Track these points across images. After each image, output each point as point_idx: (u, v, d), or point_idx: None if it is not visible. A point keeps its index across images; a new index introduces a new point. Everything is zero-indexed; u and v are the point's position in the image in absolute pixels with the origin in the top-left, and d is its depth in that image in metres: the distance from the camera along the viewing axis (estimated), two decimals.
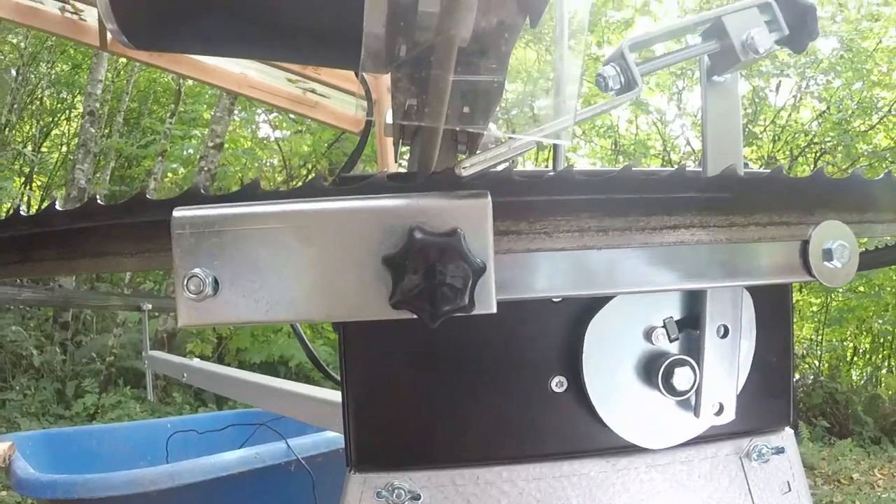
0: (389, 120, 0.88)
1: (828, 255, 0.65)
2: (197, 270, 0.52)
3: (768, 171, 0.65)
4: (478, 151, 0.77)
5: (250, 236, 0.53)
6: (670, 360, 0.71)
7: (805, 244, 0.65)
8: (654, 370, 0.72)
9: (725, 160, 0.75)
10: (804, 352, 10.38)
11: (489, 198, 0.52)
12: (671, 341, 0.73)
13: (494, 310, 0.53)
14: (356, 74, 0.81)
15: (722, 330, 0.72)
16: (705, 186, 0.61)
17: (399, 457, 0.71)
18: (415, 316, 0.52)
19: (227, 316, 0.54)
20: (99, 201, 0.59)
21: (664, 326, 0.73)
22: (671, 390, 0.71)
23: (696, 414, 0.73)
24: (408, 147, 0.92)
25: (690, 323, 0.74)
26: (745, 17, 0.73)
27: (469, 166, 0.61)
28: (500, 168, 0.65)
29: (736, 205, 0.61)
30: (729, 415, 0.73)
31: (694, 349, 0.73)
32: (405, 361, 0.71)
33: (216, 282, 0.53)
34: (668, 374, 0.71)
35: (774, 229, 0.63)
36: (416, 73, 0.64)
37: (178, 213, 0.54)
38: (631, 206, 0.57)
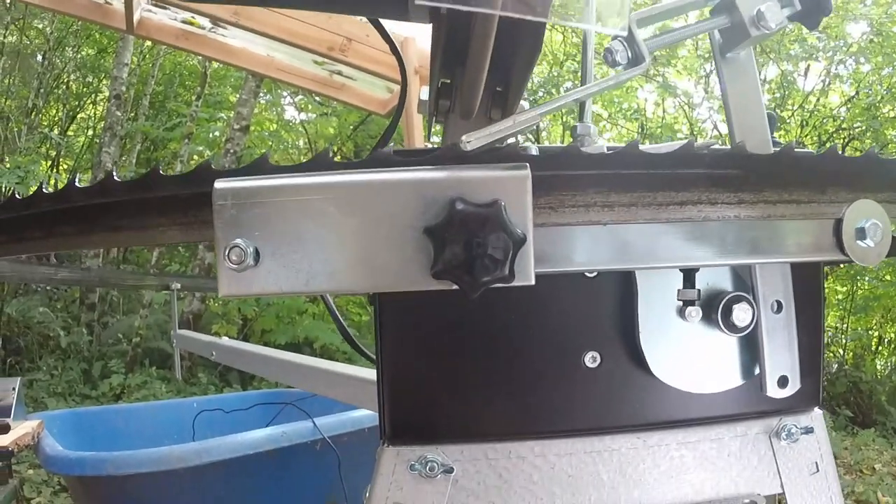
0: (423, 96, 0.89)
1: (861, 233, 0.65)
2: (238, 241, 0.53)
3: (802, 149, 0.66)
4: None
5: (292, 208, 0.54)
6: (729, 296, 0.72)
7: (839, 223, 0.65)
8: (713, 308, 0.72)
9: (752, 136, 0.75)
10: (829, 340, 10.29)
11: (529, 170, 0.53)
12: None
13: (533, 281, 0.53)
14: (390, 46, 0.81)
15: (776, 305, 0.73)
16: (742, 163, 0.61)
17: (432, 430, 0.72)
18: (455, 286, 0.52)
19: (268, 286, 0.54)
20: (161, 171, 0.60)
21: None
22: (731, 327, 0.72)
23: (763, 389, 0.74)
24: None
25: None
26: None
27: (473, 140, 0.61)
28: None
29: (770, 181, 0.61)
30: (794, 385, 0.75)
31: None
32: (440, 336, 0.71)
33: (257, 252, 0.54)
34: (728, 311, 0.72)
35: (808, 207, 0.63)
36: (458, 30, 0.64)
37: (219, 184, 0.55)
38: (671, 181, 0.58)
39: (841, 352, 10.22)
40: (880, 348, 10.66)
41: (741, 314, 0.72)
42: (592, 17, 0.64)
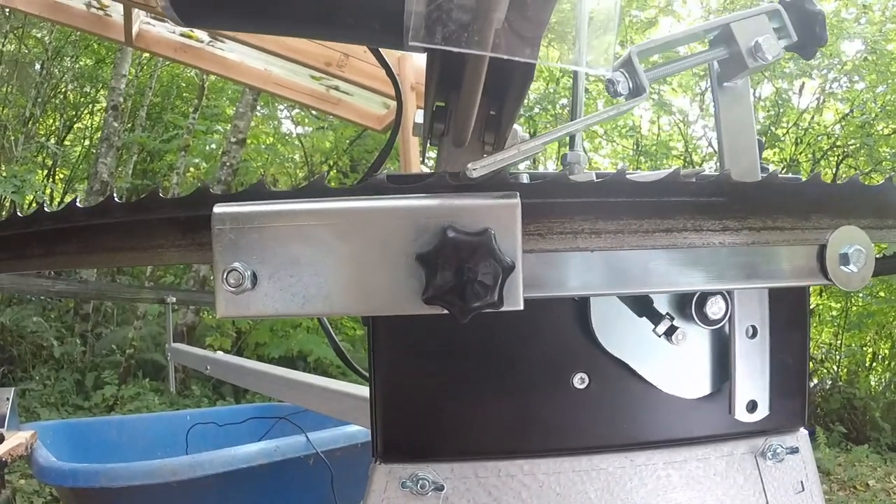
0: (419, 119, 0.91)
1: (844, 259, 0.66)
2: (237, 264, 0.55)
3: (786, 176, 0.67)
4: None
5: (289, 233, 0.55)
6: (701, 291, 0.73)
7: (822, 248, 0.66)
8: (686, 303, 0.74)
9: (741, 163, 0.77)
10: (822, 356, 10.30)
11: (518, 199, 0.55)
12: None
13: (521, 306, 0.55)
14: (386, 70, 0.82)
15: (751, 330, 0.74)
16: (726, 190, 0.62)
17: (424, 449, 0.73)
18: (446, 311, 0.54)
19: (265, 309, 0.56)
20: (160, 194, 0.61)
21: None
22: (705, 320, 0.73)
23: (731, 411, 0.75)
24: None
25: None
26: (753, 24, 0.75)
27: (479, 168, 0.63)
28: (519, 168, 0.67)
29: (754, 209, 0.63)
30: (762, 411, 0.76)
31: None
32: (432, 356, 0.73)
33: (255, 276, 0.55)
34: (701, 305, 0.73)
35: (793, 234, 0.65)
36: (452, 57, 0.66)
37: (218, 209, 0.56)
38: (657, 209, 0.59)
39: (835, 368, 10.22)
40: (874, 365, 10.67)
41: (714, 307, 0.73)
42: (581, 59, 0.66)
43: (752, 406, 0.75)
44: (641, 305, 0.74)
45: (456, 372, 0.73)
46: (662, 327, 0.72)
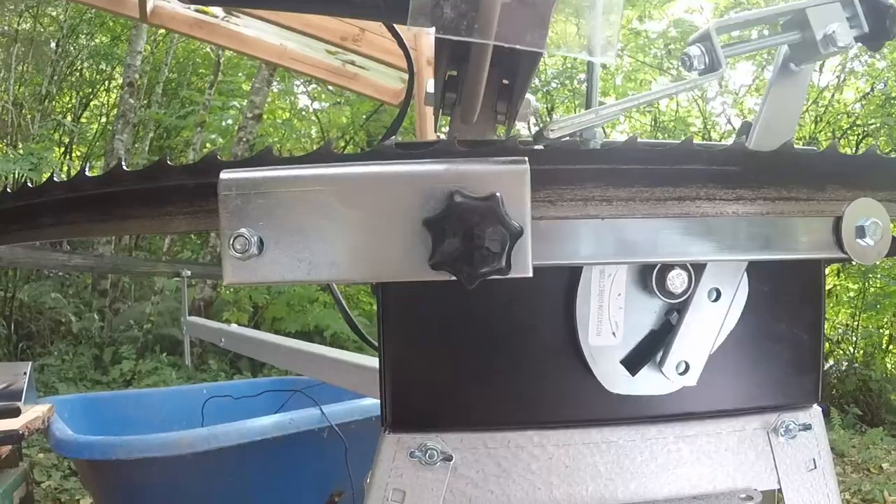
0: (430, 89, 0.90)
1: (860, 232, 0.66)
2: (243, 230, 0.55)
3: (804, 147, 0.66)
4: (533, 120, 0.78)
5: (295, 198, 0.55)
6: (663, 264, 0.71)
7: (838, 220, 0.66)
8: (647, 275, 0.72)
9: (775, 141, 0.76)
10: (839, 337, 10.25)
11: (527, 164, 0.54)
12: None
13: (531, 273, 0.54)
14: (398, 43, 0.82)
15: (714, 294, 0.72)
16: (748, 161, 0.61)
17: (433, 418, 0.73)
18: (453, 277, 0.53)
19: (271, 275, 0.56)
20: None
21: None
22: (666, 293, 0.71)
23: (661, 366, 0.72)
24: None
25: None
26: (827, 11, 0.74)
27: (556, 129, 0.62)
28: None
29: (769, 178, 0.62)
30: (692, 378, 0.73)
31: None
32: (441, 326, 0.72)
33: (261, 242, 0.55)
34: (662, 277, 0.71)
35: (807, 204, 0.64)
36: (461, 26, 0.65)
37: (224, 175, 0.56)
38: (676, 177, 0.59)
39: (851, 349, 10.18)
40: (891, 346, 10.61)
41: (676, 281, 0.71)
42: (591, 46, 0.65)
43: (683, 367, 0.73)
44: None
45: (465, 342, 0.72)
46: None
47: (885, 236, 0.66)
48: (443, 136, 0.98)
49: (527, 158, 0.54)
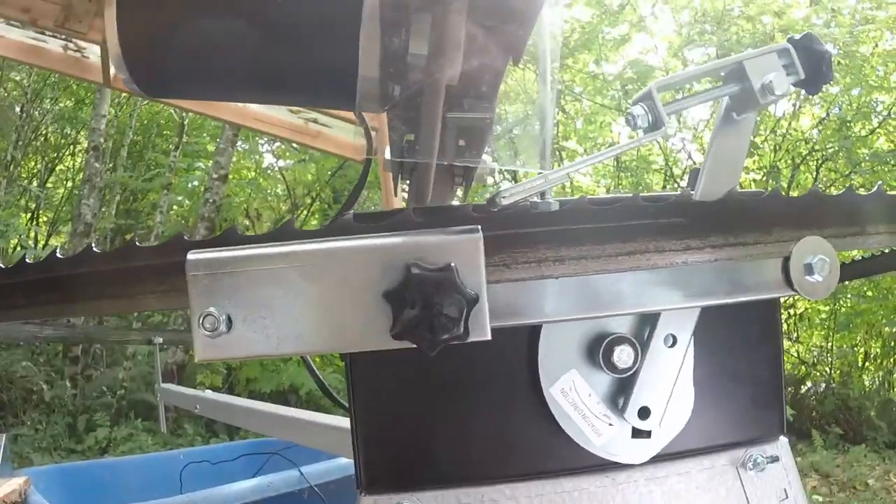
0: (388, 155, 0.92)
1: (809, 269, 0.68)
2: (212, 309, 0.56)
3: (749, 192, 0.69)
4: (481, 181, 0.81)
5: (260, 276, 0.57)
6: (611, 337, 0.73)
7: (786, 260, 0.68)
8: (596, 349, 0.73)
9: (721, 188, 0.79)
10: (814, 359, 10.34)
11: (480, 233, 0.56)
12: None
13: (489, 336, 0.56)
14: (359, 119, 0.85)
15: (670, 339, 0.74)
16: (694, 212, 0.64)
17: (406, 478, 0.74)
18: (414, 345, 0.55)
19: (241, 350, 0.57)
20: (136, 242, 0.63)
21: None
22: (612, 368, 0.73)
23: (622, 412, 0.74)
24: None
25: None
26: (764, 62, 0.77)
27: (508, 195, 0.65)
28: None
29: (715, 227, 0.65)
30: (653, 422, 0.75)
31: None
32: (409, 387, 0.74)
33: (230, 319, 0.57)
34: (609, 352, 0.73)
35: (755, 248, 0.66)
36: (408, 113, 0.68)
37: (192, 255, 0.58)
38: (625, 233, 0.61)
39: (828, 370, 10.26)
40: (866, 364, 10.71)
41: (622, 356, 0.73)
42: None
43: (644, 413, 0.74)
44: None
45: (433, 401, 0.74)
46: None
47: (832, 271, 0.69)
48: (404, 196, 1.01)
49: (479, 227, 0.56)
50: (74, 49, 4.11)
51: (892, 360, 10.59)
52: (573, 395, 0.74)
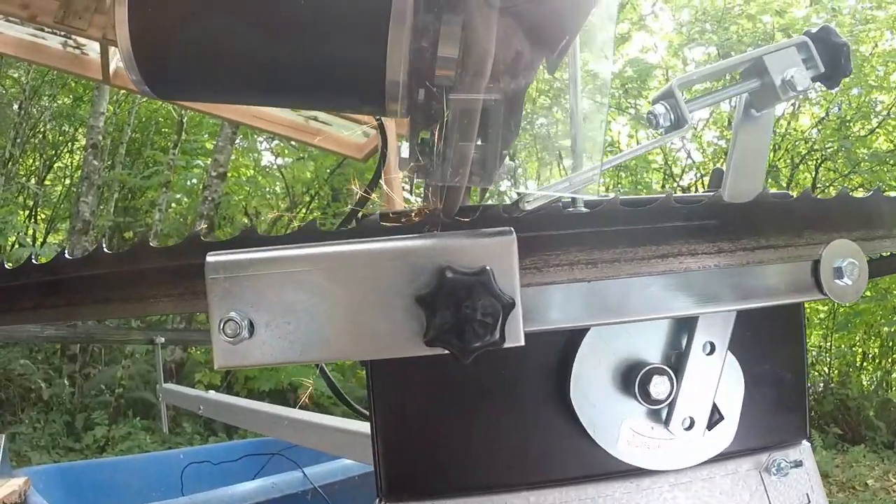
0: (405, 154, 0.90)
1: (838, 273, 0.67)
2: (233, 314, 0.54)
3: (780, 194, 0.68)
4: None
5: (284, 279, 0.55)
6: (648, 368, 0.72)
7: (816, 264, 0.67)
8: (631, 378, 0.72)
9: (747, 186, 0.78)
10: (813, 359, 10.33)
11: (514, 235, 0.54)
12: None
13: (523, 342, 0.54)
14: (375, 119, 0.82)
15: (709, 347, 0.73)
16: (726, 213, 0.63)
17: (427, 486, 0.72)
18: (447, 352, 0.53)
19: (264, 357, 0.55)
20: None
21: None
22: (647, 398, 0.72)
23: (667, 425, 0.73)
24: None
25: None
26: (784, 57, 0.76)
27: (533, 199, 0.63)
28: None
29: (747, 229, 0.63)
30: (698, 431, 0.74)
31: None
32: (431, 393, 0.72)
33: (252, 324, 0.55)
34: (645, 382, 0.72)
35: (786, 251, 0.65)
36: (435, 118, 0.66)
37: (211, 257, 0.56)
38: (658, 235, 0.59)
39: (826, 370, 10.27)
40: (865, 364, 10.72)
41: (659, 388, 0.72)
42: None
43: (689, 423, 0.74)
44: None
45: (456, 407, 0.72)
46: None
47: (861, 275, 0.68)
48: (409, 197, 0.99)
49: (512, 228, 0.55)
50: (74, 46, 4.09)
51: (890, 360, 10.60)
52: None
